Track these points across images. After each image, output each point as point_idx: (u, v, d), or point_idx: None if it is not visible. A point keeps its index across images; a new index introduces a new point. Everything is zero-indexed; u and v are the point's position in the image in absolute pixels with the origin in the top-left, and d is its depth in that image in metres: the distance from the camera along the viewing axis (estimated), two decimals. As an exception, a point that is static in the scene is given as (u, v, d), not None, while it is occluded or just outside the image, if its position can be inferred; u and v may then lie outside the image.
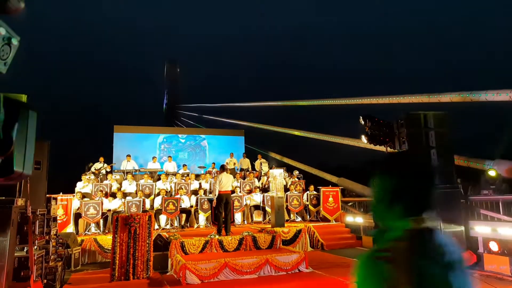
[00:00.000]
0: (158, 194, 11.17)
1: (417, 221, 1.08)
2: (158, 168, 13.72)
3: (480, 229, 7.29)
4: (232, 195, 11.22)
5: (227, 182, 9.05)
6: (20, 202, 5.03)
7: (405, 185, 1.13)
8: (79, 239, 8.87)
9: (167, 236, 8.44)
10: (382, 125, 8.33)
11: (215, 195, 8.98)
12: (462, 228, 7.41)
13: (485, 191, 7.58)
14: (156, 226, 10.31)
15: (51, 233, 6.58)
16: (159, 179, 12.40)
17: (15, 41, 1.08)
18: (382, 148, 9.09)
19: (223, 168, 9.46)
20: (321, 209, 12.13)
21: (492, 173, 7.62)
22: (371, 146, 9.65)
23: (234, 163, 15.02)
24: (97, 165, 12.85)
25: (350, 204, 12.90)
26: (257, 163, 15.19)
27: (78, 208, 10.14)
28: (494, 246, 6.89)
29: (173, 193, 11.71)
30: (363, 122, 8.33)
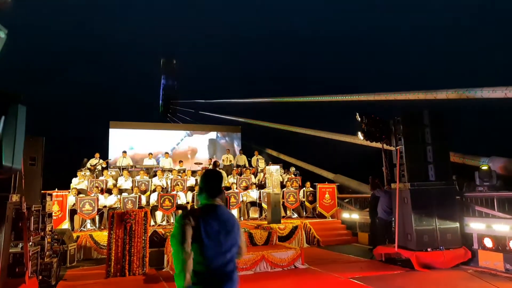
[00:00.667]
0: (154, 191, 11.13)
1: (211, 200, 2.43)
2: (154, 164, 13.69)
3: (475, 225, 7.34)
4: (228, 191, 11.22)
5: None
6: (14, 198, 5.00)
7: (205, 184, 2.48)
8: (74, 235, 8.84)
9: (163, 232, 8.43)
10: (378, 122, 8.34)
11: None
12: (457, 224, 7.46)
13: (480, 188, 7.62)
14: (152, 223, 10.29)
15: (46, 229, 6.55)
16: (155, 175, 12.36)
17: (2, 34, 1.06)
18: (378, 145, 9.12)
19: (215, 165, 9.46)
20: (318, 205, 12.15)
21: (484, 167, 7.68)
22: (367, 143, 9.66)
23: (230, 160, 15.00)
24: (93, 161, 12.79)
25: (346, 200, 12.94)
26: (253, 160, 15.18)
27: (74, 204, 10.11)
28: (488, 243, 6.94)
29: (169, 190, 11.68)
30: (359, 119, 8.34)
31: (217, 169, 9.32)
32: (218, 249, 2.33)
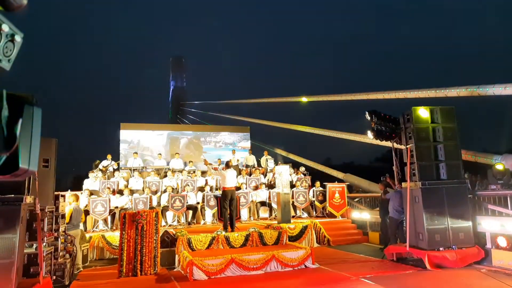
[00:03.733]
0: (165, 191, 11.23)
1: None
2: (164, 165, 13.79)
3: (488, 224, 7.23)
4: (238, 191, 11.24)
5: (231, 179, 9.08)
6: (28, 199, 5.10)
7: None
8: (87, 236, 8.96)
9: (174, 232, 8.49)
10: (388, 120, 8.27)
11: (221, 189, 9.15)
12: (470, 223, 7.36)
13: (493, 186, 7.49)
14: (163, 223, 10.38)
15: (60, 230, 6.67)
16: (165, 176, 12.46)
17: (18, 38, 1.09)
18: (388, 144, 9.05)
19: (227, 165, 9.52)
20: (327, 205, 12.11)
21: (499, 167, 7.53)
22: (378, 142, 9.59)
23: (237, 160, 15.01)
24: (105, 162, 12.95)
25: (356, 200, 12.86)
26: (263, 160, 15.19)
27: (86, 205, 10.24)
28: (502, 242, 6.83)
29: (179, 190, 11.76)
30: (369, 118, 8.27)
31: (231, 168, 9.37)
32: None
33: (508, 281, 5.84)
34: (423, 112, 7.82)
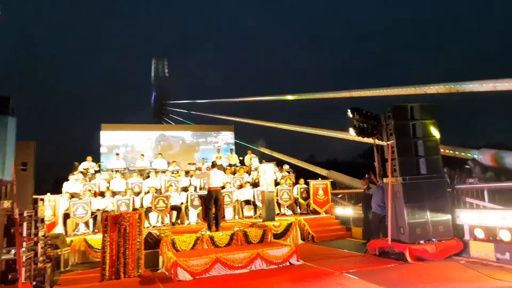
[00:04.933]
0: (148, 192, 11.10)
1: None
2: (147, 165, 13.62)
3: (466, 217, 7.44)
4: (222, 190, 11.23)
5: (217, 178, 9.05)
6: (6, 204, 4.95)
7: None
8: (68, 239, 8.78)
9: (158, 233, 8.41)
10: (370, 118, 8.37)
11: (206, 189, 9.08)
12: (449, 216, 7.56)
13: (471, 179, 7.72)
14: (147, 224, 10.26)
15: (39, 235, 6.51)
16: (148, 176, 12.31)
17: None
18: (370, 141, 9.18)
19: (213, 165, 9.49)
20: (311, 202, 12.22)
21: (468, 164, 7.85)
22: (360, 139, 9.73)
23: (221, 159, 14.95)
24: (85, 164, 12.68)
25: (339, 196, 13.02)
26: (247, 158, 15.17)
27: (67, 208, 10.02)
28: (479, 233, 7.05)
29: (163, 191, 11.65)
30: (351, 115, 8.36)
31: (215, 169, 9.33)
32: None
33: (485, 271, 6.03)
34: (403, 109, 7.97)
